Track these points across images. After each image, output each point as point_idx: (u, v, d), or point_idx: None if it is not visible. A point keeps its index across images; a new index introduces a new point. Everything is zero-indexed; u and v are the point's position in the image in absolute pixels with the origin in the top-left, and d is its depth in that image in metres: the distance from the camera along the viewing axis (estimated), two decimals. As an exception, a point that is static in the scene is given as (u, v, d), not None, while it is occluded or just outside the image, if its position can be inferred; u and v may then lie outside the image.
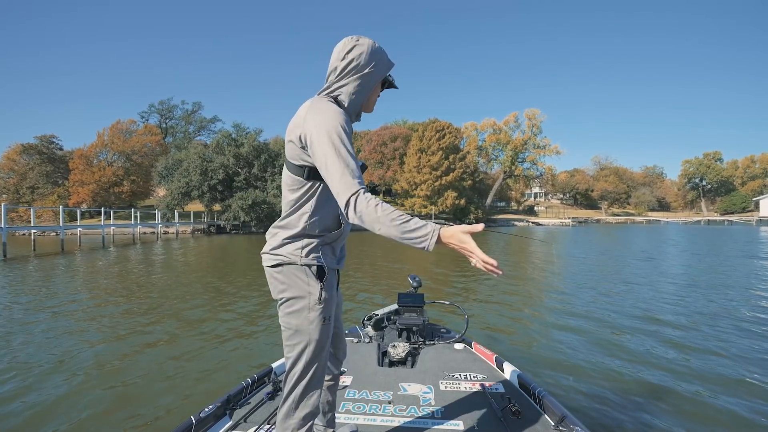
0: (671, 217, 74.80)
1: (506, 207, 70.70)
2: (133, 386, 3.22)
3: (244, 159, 32.70)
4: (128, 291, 7.35)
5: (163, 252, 16.07)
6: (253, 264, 11.62)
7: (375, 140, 54.21)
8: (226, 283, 8.34)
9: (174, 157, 33.67)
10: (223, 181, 31.44)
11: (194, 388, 3.18)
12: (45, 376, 3.43)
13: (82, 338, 4.52)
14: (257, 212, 29.99)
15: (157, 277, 9.29)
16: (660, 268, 10.34)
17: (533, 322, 5.25)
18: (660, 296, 6.73)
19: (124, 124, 38.10)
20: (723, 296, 6.72)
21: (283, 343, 1.28)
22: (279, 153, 33.80)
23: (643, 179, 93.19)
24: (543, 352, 4.04)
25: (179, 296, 6.86)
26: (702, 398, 3.01)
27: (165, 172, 32.53)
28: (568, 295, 6.98)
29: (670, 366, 3.64)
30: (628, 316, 5.45)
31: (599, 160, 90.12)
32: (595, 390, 3.13)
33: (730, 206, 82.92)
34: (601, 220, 67.28)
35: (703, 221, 61.59)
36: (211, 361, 3.76)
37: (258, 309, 5.86)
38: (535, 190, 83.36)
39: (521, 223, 54.06)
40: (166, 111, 56.31)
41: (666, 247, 17.04)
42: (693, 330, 4.76)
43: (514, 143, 55.34)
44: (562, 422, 1.70)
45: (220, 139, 33.75)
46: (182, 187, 30.37)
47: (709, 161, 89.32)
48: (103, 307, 6.12)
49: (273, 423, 1.70)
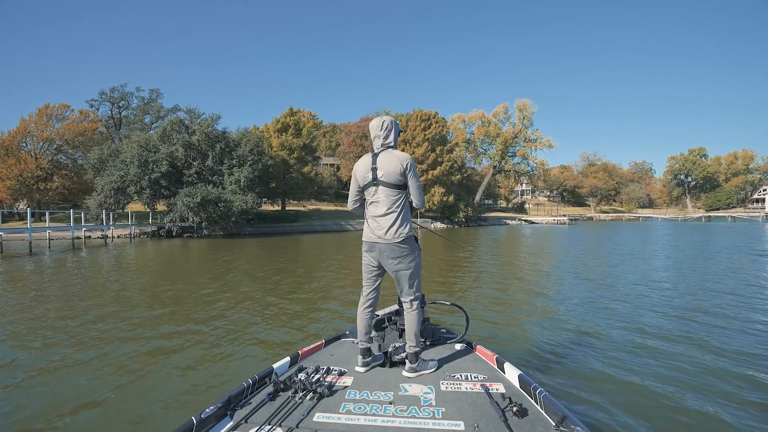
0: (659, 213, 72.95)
1: (494, 205, 67.19)
2: (133, 387, 3.29)
3: (196, 149, 27.46)
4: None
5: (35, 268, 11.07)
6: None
7: (354, 132, 49.52)
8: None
9: (111, 147, 28.03)
10: (169, 175, 26.07)
11: (194, 390, 3.23)
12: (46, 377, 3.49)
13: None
14: (209, 212, 24.79)
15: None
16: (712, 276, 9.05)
17: (534, 322, 5.21)
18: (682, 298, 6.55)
19: (54, 108, 32.08)
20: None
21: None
22: (239, 142, 28.75)
23: (631, 175, 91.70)
24: (544, 353, 4.02)
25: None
26: (703, 399, 3.03)
27: (99, 165, 26.92)
28: (567, 294, 7.00)
29: (670, 366, 3.67)
30: (635, 319, 5.32)
31: (588, 156, 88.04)
32: (596, 391, 3.17)
33: (715, 202, 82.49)
34: (593, 217, 64.48)
35: (703, 218, 59.46)
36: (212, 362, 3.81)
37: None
38: (521, 187, 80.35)
39: (513, 221, 50.34)
40: (119, 99, 50.04)
41: (701, 249, 15.43)
42: (707, 333, 4.64)
43: (504, 136, 51.52)
44: (562, 423, 1.69)
45: (168, 125, 28.35)
46: (115, 181, 24.87)
47: (694, 157, 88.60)
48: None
49: (274, 424, 1.72)
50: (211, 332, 4.87)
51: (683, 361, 3.82)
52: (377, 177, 2.33)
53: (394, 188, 2.31)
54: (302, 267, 11.19)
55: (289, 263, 12.00)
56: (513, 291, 7.45)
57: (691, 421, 2.74)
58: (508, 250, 16.32)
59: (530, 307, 6.13)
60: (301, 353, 2.51)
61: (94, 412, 2.90)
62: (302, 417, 1.78)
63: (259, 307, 6.28)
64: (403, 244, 2.31)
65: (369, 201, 2.41)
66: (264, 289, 7.80)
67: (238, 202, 25.89)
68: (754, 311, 5.71)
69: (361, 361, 2.35)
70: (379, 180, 2.32)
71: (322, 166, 52.73)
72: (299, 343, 4.39)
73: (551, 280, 8.65)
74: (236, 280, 9.04)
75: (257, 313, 5.89)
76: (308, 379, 2.11)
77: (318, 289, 7.83)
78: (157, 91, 51.81)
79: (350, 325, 3.16)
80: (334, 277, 9.31)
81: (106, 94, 49.23)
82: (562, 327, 4.99)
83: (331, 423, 1.76)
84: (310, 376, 2.16)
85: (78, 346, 4.43)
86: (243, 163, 27.79)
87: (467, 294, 7.20)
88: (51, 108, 32.14)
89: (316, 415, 1.81)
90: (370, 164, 2.37)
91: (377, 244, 2.35)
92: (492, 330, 4.92)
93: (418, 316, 2.37)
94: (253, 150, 28.48)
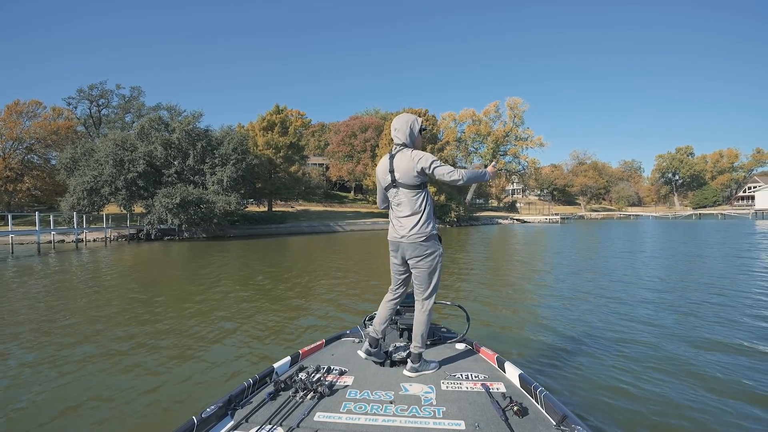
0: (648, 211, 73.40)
1: (485, 204, 66.73)
2: (133, 387, 3.32)
3: (176, 147, 26.11)
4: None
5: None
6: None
7: (343, 131, 48.52)
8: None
9: (85, 146, 26.46)
10: (146, 175, 24.69)
11: (194, 390, 3.28)
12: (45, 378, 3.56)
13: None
14: (189, 214, 23.49)
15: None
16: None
17: (535, 322, 5.22)
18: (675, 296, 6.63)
19: (24, 105, 30.32)
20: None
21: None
22: (222, 140, 27.48)
23: (621, 174, 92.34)
24: (545, 352, 4.05)
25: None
26: (704, 400, 3.01)
27: (72, 164, 25.38)
28: (568, 294, 6.96)
29: (670, 365, 3.67)
30: (633, 315, 5.41)
31: (578, 155, 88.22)
32: (597, 390, 3.19)
33: (702, 200, 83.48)
34: (584, 216, 64.43)
35: (694, 215, 59.79)
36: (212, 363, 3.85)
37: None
38: (512, 187, 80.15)
39: (505, 221, 49.82)
40: (98, 97, 48.10)
41: (701, 246, 15.56)
42: (707, 331, 4.66)
43: (495, 134, 50.99)
44: (563, 422, 1.69)
45: (146, 122, 26.94)
46: (88, 182, 23.40)
47: (681, 156, 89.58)
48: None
49: (274, 423, 1.72)
50: (210, 332, 4.90)
51: (684, 360, 3.81)
52: (395, 179, 2.31)
53: (413, 189, 2.29)
54: (291, 269, 10.48)
55: (276, 266, 11.12)
56: (513, 291, 7.43)
57: (691, 420, 2.76)
58: (505, 251, 16.09)
59: (530, 307, 6.09)
60: (302, 353, 2.49)
61: (95, 412, 2.94)
62: (303, 416, 1.76)
63: (258, 306, 6.33)
64: (425, 242, 2.29)
65: (393, 202, 2.39)
66: (257, 291, 7.70)
67: (220, 203, 24.66)
68: (759, 308, 5.74)
69: (365, 348, 2.35)
70: (398, 182, 2.31)
71: (311, 166, 51.52)
72: (300, 342, 4.38)
73: (551, 280, 8.57)
74: (228, 282, 8.87)
75: (256, 313, 5.96)
76: (309, 378, 2.08)
77: (315, 290, 7.70)
78: (138, 89, 50.04)
79: (351, 324, 3.12)
80: (331, 282, 8.49)
81: (84, 91, 47.22)
82: (563, 327, 4.98)
83: (332, 422, 1.74)
84: (310, 375, 2.13)
85: (77, 345, 4.55)
86: (226, 162, 26.51)
87: (467, 294, 7.15)
88: (21, 105, 30.42)
89: (317, 415, 1.79)
90: (388, 167, 2.34)
91: (401, 244, 2.34)
92: (492, 329, 4.93)
93: (428, 317, 2.37)
94: (237, 148, 27.20)
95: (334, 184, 54.24)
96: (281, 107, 36.39)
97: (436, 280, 2.36)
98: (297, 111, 63.44)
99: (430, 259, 2.30)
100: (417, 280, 2.36)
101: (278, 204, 38.83)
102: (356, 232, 32.93)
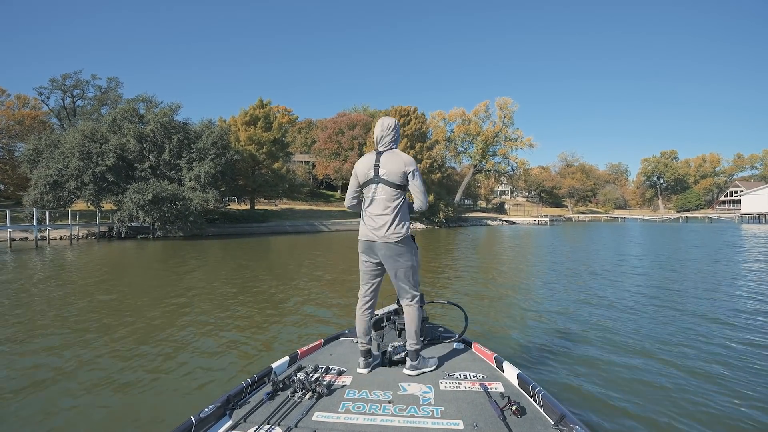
0: (635, 214, 74.05)
1: (474, 205, 66.23)
2: (132, 387, 3.30)
3: (151, 140, 24.54)
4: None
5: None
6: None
7: (330, 128, 47.24)
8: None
9: (50, 137, 24.64)
10: (117, 169, 23.08)
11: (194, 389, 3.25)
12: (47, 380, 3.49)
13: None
14: (162, 211, 21.99)
15: None
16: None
17: (533, 321, 5.20)
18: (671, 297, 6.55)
19: (-14, 93, 28.29)
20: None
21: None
22: (200, 134, 26.00)
23: (608, 177, 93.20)
24: (542, 352, 4.02)
25: None
26: (703, 399, 3.01)
27: (35, 156, 23.57)
28: (565, 294, 6.94)
29: (669, 365, 3.64)
30: (631, 317, 5.35)
31: (566, 157, 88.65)
32: (595, 389, 3.17)
33: (685, 204, 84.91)
34: (572, 218, 64.47)
35: (681, 219, 60.30)
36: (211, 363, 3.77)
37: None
38: (501, 188, 79.97)
39: (494, 222, 49.26)
40: (72, 87, 45.71)
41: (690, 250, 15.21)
42: (704, 332, 4.60)
43: (485, 135, 50.36)
44: (561, 421, 1.69)
45: (119, 113, 25.30)
46: (51, 175, 21.69)
47: (666, 159, 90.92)
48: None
49: (273, 423, 1.71)
50: (209, 333, 4.87)
51: (684, 360, 3.79)
52: (379, 174, 2.33)
53: (395, 188, 2.31)
54: (277, 270, 9.52)
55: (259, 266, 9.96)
56: (511, 291, 7.42)
57: (689, 419, 2.74)
58: (500, 251, 15.83)
59: (528, 307, 6.08)
60: (300, 352, 2.47)
61: (94, 412, 2.94)
62: (301, 416, 1.76)
63: (256, 307, 6.28)
64: (401, 244, 2.29)
65: (367, 199, 2.38)
66: (251, 292, 7.57)
67: (197, 200, 23.21)
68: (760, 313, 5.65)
69: (363, 362, 2.31)
70: (381, 178, 2.32)
71: (296, 164, 50.10)
72: (298, 342, 4.36)
73: (548, 281, 8.53)
74: (218, 282, 8.65)
75: (255, 313, 5.88)
76: (307, 378, 2.07)
77: (311, 291, 7.63)
78: (116, 80, 47.50)
79: (349, 326, 3.14)
80: (315, 283, 7.52)
81: (57, 81, 44.57)
82: (561, 326, 4.97)
83: (330, 422, 1.73)
84: (309, 375, 2.12)
85: (77, 344, 4.51)
86: (204, 156, 25.03)
87: (465, 293, 7.15)
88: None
89: (315, 415, 1.79)
90: (373, 161, 2.36)
91: (375, 243, 2.32)
92: (490, 329, 4.91)
93: (418, 313, 2.36)
94: (217, 143, 25.74)
95: (320, 182, 52.86)
96: (265, 101, 34.93)
97: (416, 278, 2.38)
98: (284, 107, 62.02)
99: (408, 257, 2.32)
100: (397, 281, 2.36)
101: (261, 202, 37.37)
102: (342, 232, 31.75)
